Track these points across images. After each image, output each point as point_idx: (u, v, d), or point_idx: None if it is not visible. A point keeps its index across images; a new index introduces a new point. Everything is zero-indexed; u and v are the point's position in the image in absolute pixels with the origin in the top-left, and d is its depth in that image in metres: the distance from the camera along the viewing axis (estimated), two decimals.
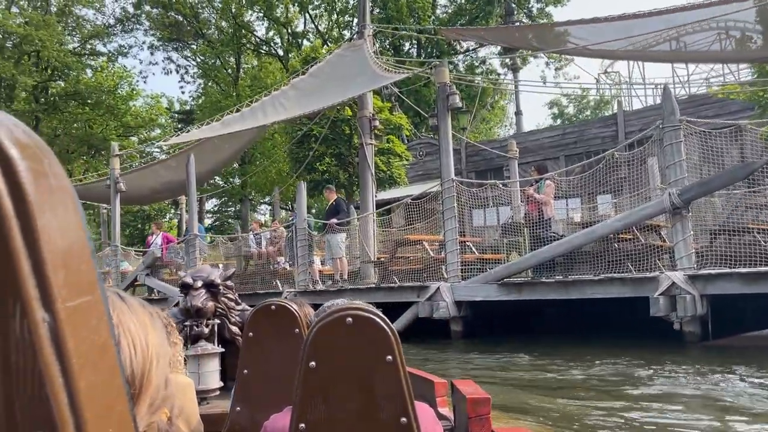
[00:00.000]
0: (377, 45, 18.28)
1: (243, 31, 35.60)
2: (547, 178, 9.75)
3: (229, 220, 42.52)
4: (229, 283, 3.32)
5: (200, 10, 36.44)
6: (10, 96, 32.23)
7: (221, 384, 3.09)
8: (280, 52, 36.09)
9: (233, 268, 3.97)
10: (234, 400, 2.18)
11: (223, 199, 42.63)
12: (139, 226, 36.36)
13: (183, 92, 61.29)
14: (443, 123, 10.36)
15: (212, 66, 37.60)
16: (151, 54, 40.69)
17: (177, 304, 3.49)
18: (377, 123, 15.60)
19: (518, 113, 28.10)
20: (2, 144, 0.37)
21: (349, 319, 1.17)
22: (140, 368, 0.71)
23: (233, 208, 43.28)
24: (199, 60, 38.47)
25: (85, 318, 0.41)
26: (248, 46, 36.90)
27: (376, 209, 13.83)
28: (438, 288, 9.82)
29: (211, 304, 3.15)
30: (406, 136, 24.87)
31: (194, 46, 37.94)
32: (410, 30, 26.64)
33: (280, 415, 1.41)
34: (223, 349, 3.19)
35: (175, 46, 38.78)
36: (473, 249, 11.66)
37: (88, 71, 36.15)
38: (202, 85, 39.46)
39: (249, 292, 12.93)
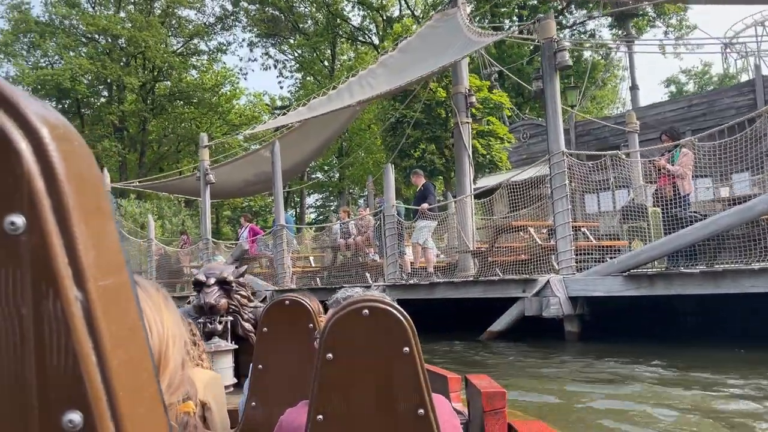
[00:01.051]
0: (474, 19, 16.74)
1: (337, 20, 35.06)
2: (682, 145, 7.91)
3: (331, 215, 42.39)
4: (241, 280, 3.30)
5: (295, 3, 36.26)
6: (120, 97, 33.53)
7: (235, 380, 3.13)
8: (375, 40, 35.22)
9: (245, 266, 3.71)
10: (249, 395, 2.15)
11: (324, 194, 42.53)
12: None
13: (281, 87, 62.08)
14: (550, 86, 8.73)
15: (309, 59, 37.43)
16: (250, 50, 41.26)
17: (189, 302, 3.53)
18: (474, 99, 14.09)
19: (634, 88, 25.38)
20: (33, 125, 0.37)
21: (366, 311, 1.16)
22: (157, 349, 0.74)
23: (335, 203, 43.09)
24: (296, 54, 38.44)
25: (116, 298, 0.41)
26: (343, 35, 36.34)
27: (475, 197, 12.39)
28: (548, 281, 8.25)
29: (224, 301, 3.16)
30: (508, 117, 23.07)
31: (291, 41, 37.89)
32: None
33: (295, 409, 1.40)
34: (237, 346, 3.21)
35: (272, 41, 38.94)
36: (588, 235, 9.93)
37: (193, 72, 37.07)
38: (300, 80, 39.41)
39: (336, 286, 11.89)
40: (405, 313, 1.18)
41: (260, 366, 2.11)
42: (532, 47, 32.16)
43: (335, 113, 16.69)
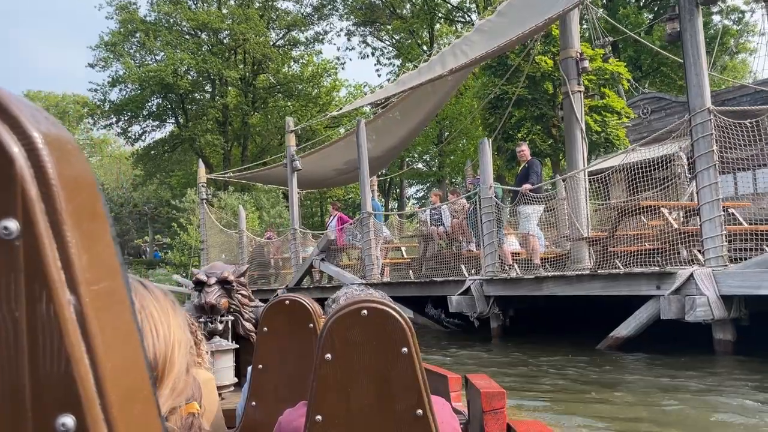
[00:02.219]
0: None
1: (435, 0, 33.57)
2: None
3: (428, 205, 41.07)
4: (242, 279, 3.29)
5: None
6: (223, 92, 33.89)
7: (235, 380, 3.12)
8: (475, 19, 33.34)
9: (246, 265, 3.62)
10: (249, 394, 2.13)
11: (426, 184, 41.27)
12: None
13: (379, 75, 61.18)
14: (690, 25, 6.82)
15: (406, 45, 36.22)
16: (348, 39, 40.58)
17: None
18: (586, 64, 12.14)
19: None
20: (26, 129, 0.37)
21: (365, 311, 1.17)
22: (163, 352, 0.76)
23: None
24: (393, 40, 37.35)
25: (110, 301, 0.41)
26: (441, 16, 34.79)
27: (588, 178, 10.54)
28: (691, 275, 6.41)
29: (224, 300, 3.17)
30: (625, 92, 20.60)
31: (389, 27, 36.84)
32: None
33: (294, 409, 1.41)
34: (237, 346, 3.21)
35: (370, 29, 38.08)
36: (740, 219, 7.90)
37: (293, 65, 36.94)
38: (398, 66, 38.26)
39: (425, 280, 10.51)
40: (403, 314, 1.18)
41: (260, 366, 2.10)
42: (651, 16, 29.04)
43: (427, 94, 15.29)
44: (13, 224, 0.37)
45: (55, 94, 54.11)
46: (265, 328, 2.06)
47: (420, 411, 1.17)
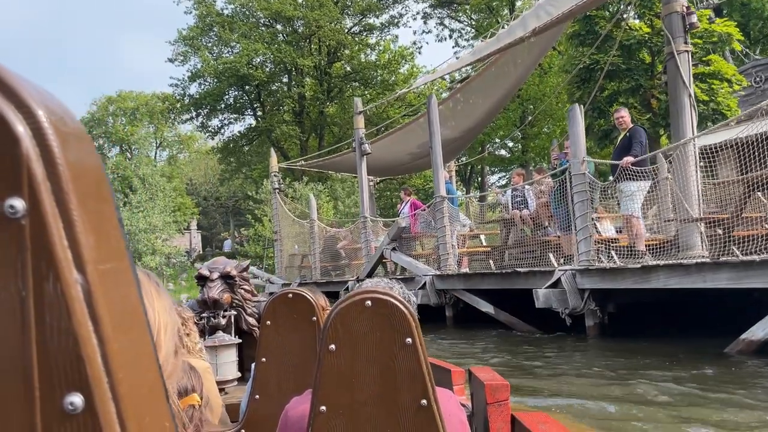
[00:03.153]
0: None
1: None
2: None
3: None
4: (245, 274, 3.30)
5: None
6: (299, 81, 33.56)
7: (239, 375, 3.12)
8: None
9: (247, 261, 3.60)
10: (252, 388, 2.12)
11: (509, 172, 39.50)
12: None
13: (457, 58, 59.52)
14: None
15: (485, 25, 34.55)
16: (424, 22, 39.15)
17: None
18: (694, 19, 10.40)
19: None
20: (32, 109, 0.38)
21: (368, 302, 1.17)
22: None
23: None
24: (472, 20, 35.77)
25: (117, 282, 0.41)
26: None
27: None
28: None
29: (227, 295, 3.17)
30: (733, 58, 18.30)
31: (467, 6, 35.27)
32: None
33: (302, 397, 1.41)
34: (240, 340, 3.20)
35: (447, 11, 36.66)
36: None
37: (369, 52, 36.11)
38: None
39: (507, 271, 9.26)
40: (408, 305, 1.18)
41: (264, 359, 2.10)
42: None
43: (507, 67, 13.93)
44: (19, 203, 0.37)
45: (144, 94, 55.94)
46: (268, 322, 2.07)
47: (425, 401, 1.18)
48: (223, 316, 3.15)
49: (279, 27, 33.19)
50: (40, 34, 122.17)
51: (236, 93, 33.63)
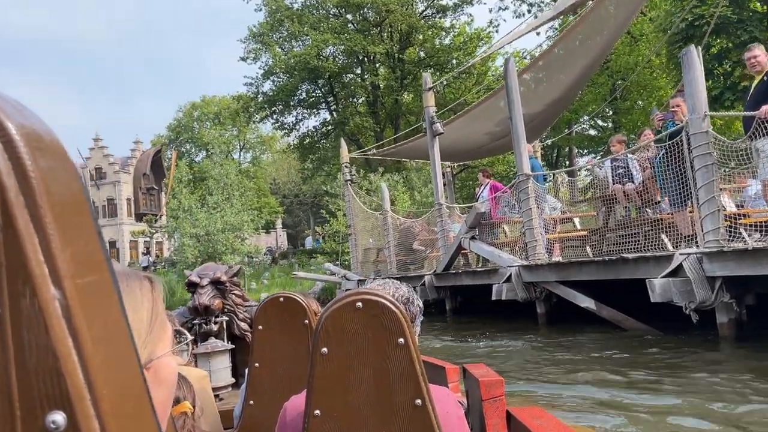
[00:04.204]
0: None
1: None
2: None
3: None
4: (235, 279, 3.25)
5: None
6: (371, 69, 32.55)
7: (232, 380, 3.08)
8: None
9: (238, 266, 3.42)
10: (247, 393, 2.11)
11: (599, 152, 36.89)
12: None
13: (538, 34, 56.55)
14: None
15: None
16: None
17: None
18: None
19: None
20: (2, 122, 0.37)
21: (359, 303, 1.17)
22: None
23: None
24: None
25: (96, 295, 0.40)
26: None
27: None
28: None
29: (218, 301, 3.13)
30: None
31: None
32: None
33: (300, 395, 1.39)
34: (233, 346, 3.17)
35: None
36: None
37: (444, 36, 34.59)
38: (560, 22, 34.21)
39: (610, 258, 7.64)
40: (398, 305, 1.17)
41: (257, 364, 2.08)
42: None
43: (594, 27, 12.16)
44: None
45: (227, 98, 56.92)
46: (260, 327, 2.04)
47: (419, 401, 1.17)
48: (215, 322, 3.10)
49: (349, 17, 32.30)
50: (144, 51, 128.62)
51: (308, 87, 33.04)
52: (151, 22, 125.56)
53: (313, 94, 33.85)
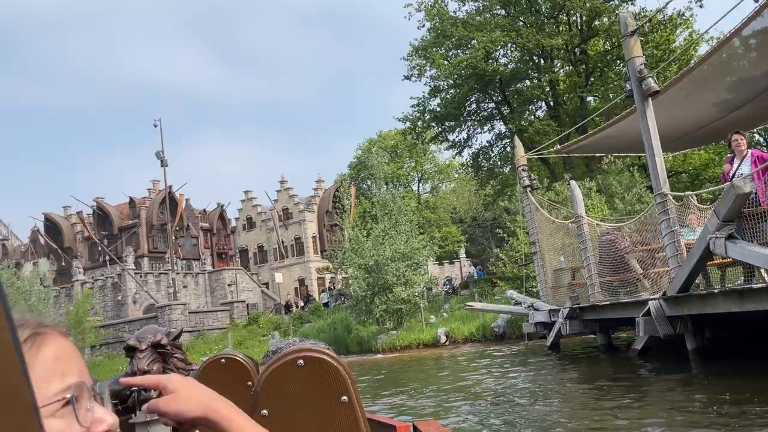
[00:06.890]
0: None
1: None
2: None
3: None
4: (177, 342, 3.14)
5: None
6: (548, 67, 28.62)
7: None
8: None
9: (180, 328, 3.36)
10: None
11: None
12: None
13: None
14: None
15: None
16: None
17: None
18: None
19: None
20: None
21: (301, 361, 1.12)
22: None
23: None
24: None
25: None
26: None
27: None
28: None
29: (158, 365, 3.00)
30: None
31: None
32: None
33: None
34: None
35: None
36: None
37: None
38: None
39: None
40: (342, 361, 1.14)
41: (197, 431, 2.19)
42: None
43: None
44: None
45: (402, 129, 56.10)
46: None
47: None
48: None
49: (516, 10, 28.87)
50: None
51: (478, 96, 29.94)
52: (352, 73, 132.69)
53: (484, 105, 30.67)
